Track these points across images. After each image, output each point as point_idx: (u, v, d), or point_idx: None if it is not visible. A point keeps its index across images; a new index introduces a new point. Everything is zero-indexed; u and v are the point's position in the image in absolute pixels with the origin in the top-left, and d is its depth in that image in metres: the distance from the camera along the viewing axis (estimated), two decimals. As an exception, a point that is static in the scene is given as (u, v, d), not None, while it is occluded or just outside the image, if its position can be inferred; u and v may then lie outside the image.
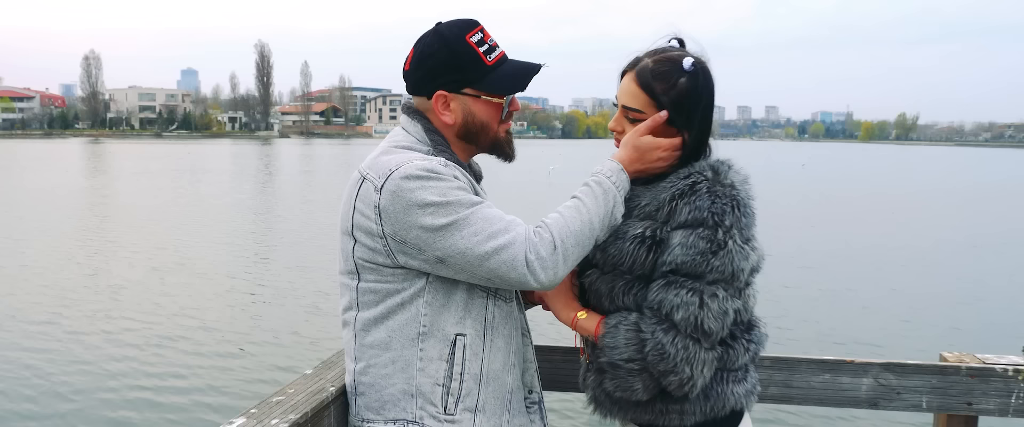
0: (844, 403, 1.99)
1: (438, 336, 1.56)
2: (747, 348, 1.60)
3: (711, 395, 1.56)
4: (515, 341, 1.66)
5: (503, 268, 1.46)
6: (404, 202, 1.48)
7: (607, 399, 1.64)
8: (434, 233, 1.47)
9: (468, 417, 1.56)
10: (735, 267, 1.47)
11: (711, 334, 1.46)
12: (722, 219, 1.47)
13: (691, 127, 1.59)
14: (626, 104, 1.62)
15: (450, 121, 1.64)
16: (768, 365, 1.98)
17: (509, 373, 1.63)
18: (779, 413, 6.48)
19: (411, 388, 1.56)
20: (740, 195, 1.51)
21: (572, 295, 1.69)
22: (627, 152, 1.61)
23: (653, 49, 1.65)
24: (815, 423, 6.50)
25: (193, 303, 10.42)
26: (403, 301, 1.56)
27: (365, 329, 1.59)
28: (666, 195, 1.54)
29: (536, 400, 1.71)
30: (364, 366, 1.60)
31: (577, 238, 1.52)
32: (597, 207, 1.56)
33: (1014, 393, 1.93)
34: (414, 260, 1.51)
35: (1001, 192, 33.78)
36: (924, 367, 1.96)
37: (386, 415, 1.57)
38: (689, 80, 1.59)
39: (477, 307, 1.58)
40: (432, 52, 1.60)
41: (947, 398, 1.96)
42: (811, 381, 1.99)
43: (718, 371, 1.56)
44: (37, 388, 7.01)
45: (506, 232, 1.47)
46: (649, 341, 1.48)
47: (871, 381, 1.97)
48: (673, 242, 1.50)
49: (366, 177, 1.55)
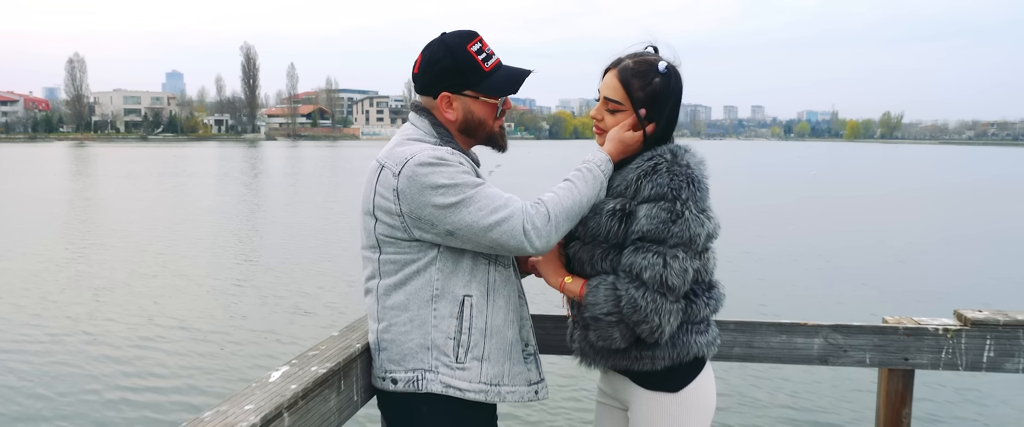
0: (799, 360, 2.29)
1: (449, 297, 1.84)
2: (708, 303, 1.89)
3: (677, 344, 1.85)
4: (513, 301, 1.94)
5: (504, 237, 1.75)
6: (419, 185, 1.76)
7: (591, 349, 1.93)
8: (445, 210, 1.75)
9: (476, 365, 1.85)
10: (692, 233, 1.76)
11: (675, 289, 1.75)
12: (679, 193, 1.76)
13: (660, 119, 1.88)
14: (607, 96, 1.91)
15: (453, 118, 1.93)
16: (733, 328, 2.28)
17: (509, 328, 1.92)
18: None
19: (427, 342, 1.84)
20: (694, 173, 1.80)
21: (560, 263, 1.98)
22: (614, 146, 1.91)
23: (633, 52, 1.94)
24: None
25: (174, 304, 10.52)
26: (418, 269, 1.84)
27: (386, 294, 1.87)
28: (633, 175, 1.84)
29: (532, 352, 1.99)
30: (386, 325, 1.88)
31: (567, 213, 1.82)
32: (587, 189, 1.85)
33: (944, 349, 2.24)
34: (428, 234, 1.80)
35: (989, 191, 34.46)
36: (867, 328, 2.26)
37: (406, 366, 1.85)
38: (662, 80, 1.88)
39: (481, 272, 1.86)
40: (438, 59, 1.89)
41: (887, 354, 2.25)
42: (770, 342, 2.28)
43: (683, 323, 1.84)
44: (21, 391, 7.06)
45: (506, 207, 1.76)
46: (624, 297, 1.77)
47: (822, 341, 2.27)
48: (640, 214, 1.79)
49: (384, 165, 1.83)
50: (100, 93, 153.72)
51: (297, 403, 1.60)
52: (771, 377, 7.48)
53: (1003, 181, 41.43)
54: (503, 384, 1.89)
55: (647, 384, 1.89)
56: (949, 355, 2.24)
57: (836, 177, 43.83)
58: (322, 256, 14.64)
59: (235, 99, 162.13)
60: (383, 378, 1.89)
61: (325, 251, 15.32)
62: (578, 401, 6.85)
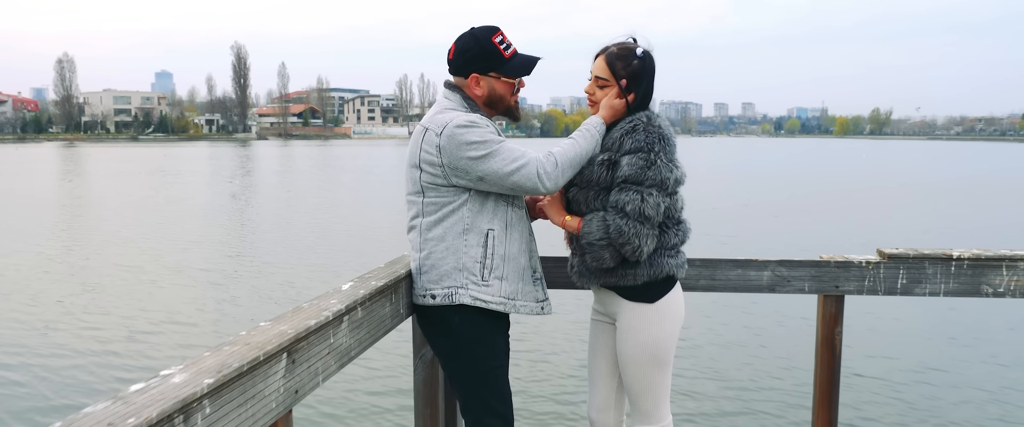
0: (751, 290, 2.84)
1: (476, 231, 2.38)
2: (677, 234, 2.43)
3: (654, 264, 2.39)
4: (525, 236, 2.49)
5: (522, 180, 2.29)
6: (456, 142, 2.30)
7: (586, 270, 2.47)
8: (476, 161, 2.29)
9: (497, 283, 2.39)
10: (663, 176, 2.30)
11: (650, 218, 2.29)
12: (653, 146, 2.31)
13: (638, 92, 2.43)
14: (598, 75, 2.46)
15: (479, 93, 2.47)
16: (699, 265, 2.83)
17: (522, 256, 2.46)
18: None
19: (459, 265, 2.38)
20: (665, 132, 2.35)
21: (561, 206, 2.52)
22: (606, 111, 2.45)
23: (618, 41, 2.49)
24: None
25: (160, 299, 10.90)
26: (453, 209, 2.38)
27: (428, 229, 2.41)
28: (618, 134, 2.39)
29: (539, 277, 2.53)
30: (427, 253, 2.42)
31: (571, 162, 2.36)
32: (586, 144, 2.40)
33: (867, 278, 2.79)
34: (463, 180, 2.33)
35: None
36: (806, 262, 2.81)
37: (442, 284, 2.39)
38: (639, 62, 2.43)
39: (501, 211, 2.41)
40: (469, 48, 2.43)
41: (822, 283, 2.81)
42: (728, 275, 2.83)
43: (658, 248, 2.39)
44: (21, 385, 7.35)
45: (523, 157, 2.30)
46: (612, 225, 2.30)
47: (770, 273, 2.82)
48: (622, 163, 2.33)
49: (429, 128, 2.37)
50: (90, 93, 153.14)
51: (365, 303, 2.14)
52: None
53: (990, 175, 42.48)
54: (517, 299, 2.43)
55: (630, 296, 2.44)
56: (871, 283, 2.79)
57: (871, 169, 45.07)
58: (314, 252, 15.11)
59: (226, 99, 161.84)
60: (423, 296, 2.43)
61: (318, 247, 15.81)
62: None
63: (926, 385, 7.43)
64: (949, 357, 8.39)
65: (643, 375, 2.47)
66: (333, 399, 6.80)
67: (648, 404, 2.51)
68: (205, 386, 1.32)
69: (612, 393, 2.65)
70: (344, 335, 1.98)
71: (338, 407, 6.69)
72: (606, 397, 2.65)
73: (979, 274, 2.76)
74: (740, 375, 7.71)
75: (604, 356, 2.64)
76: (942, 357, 8.39)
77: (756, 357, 8.33)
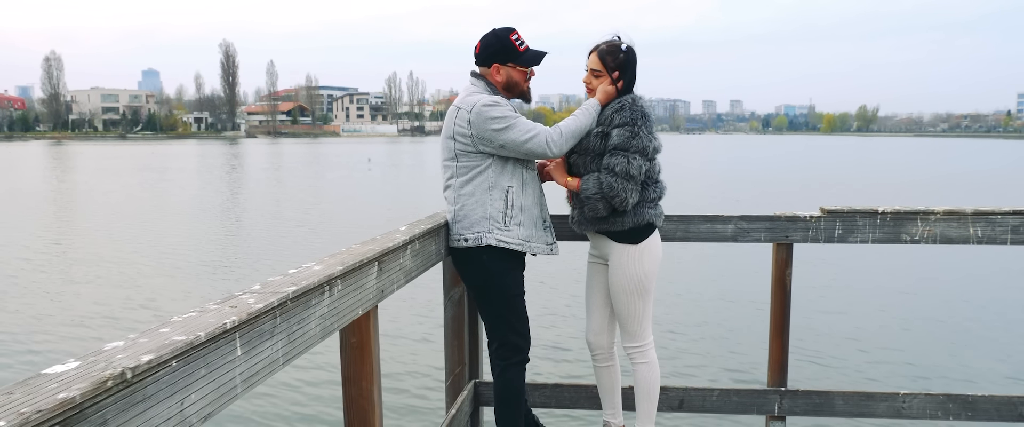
0: (717, 239, 3.51)
1: (499, 187, 3.04)
2: (655, 190, 3.10)
3: (637, 213, 3.05)
4: (537, 192, 3.16)
5: (535, 146, 2.95)
6: (483, 117, 2.96)
7: (584, 219, 3.13)
8: (498, 132, 2.95)
9: (516, 228, 3.05)
10: (644, 145, 2.96)
11: (634, 177, 2.95)
12: (636, 121, 2.96)
13: (625, 78, 3.09)
14: (593, 68, 3.12)
15: (499, 80, 3.13)
16: (675, 220, 3.49)
17: (535, 207, 3.12)
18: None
19: (486, 214, 3.04)
20: (645, 110, 3.01)
21: (564, 170, 3.19)
22: (602, 95, 3.11)
23: (606, 40, 3.15)
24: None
25: (150, 294, 11.47)
26: (481, 170, 3.04)
27: (461, 187, 3.07)
28: (609, 111, 3.04)
29: (548, 225, 3.20)
30: (460, 206, 3.08)
31: (573, 133, 3.03)
32: (586, 120, 3.06)
33: (810, 229, 3.46)
34: (488, 147, 2.99)
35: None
36: (762, 217, 3.48)
37: (473, 230, 3.05)
38: (625, 55, 3.09)
39: (519, 172, 3.07)
40: (491, 44, 3.10)
41: (775, 234, 3.48)
42: (699, 228, 3.51)
43: (640, 201, 3.05)
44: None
45: (534, 129, 2.96)
46: (604, 182, 2.96)
47: (733, 226, 3.49)
48: (612, 134, 2.99)
49: (461, 108, 3.03)
50: (77, 91, 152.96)
51: (420, 238, 2.80)
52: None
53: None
54: (532, 242, 3.10)
55: (619, 239, 3.10)
56: (814, 233, 3.47)
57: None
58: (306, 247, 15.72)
59: (214, 97, 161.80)
60: (458, 240, 3.09)
61: (310, 242, 16.39)
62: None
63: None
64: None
65: (630, 303, 3.14)
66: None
67: (634, 326, 3.18)
68: (337, 271, 1.97)
69: (605, 320, 3.32)
70: (408, 258, 2.63)
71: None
72: (600, 323, 3.33)
73: (900, 225, 3.43)
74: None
75: (598, 290, 3.31)
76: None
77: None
